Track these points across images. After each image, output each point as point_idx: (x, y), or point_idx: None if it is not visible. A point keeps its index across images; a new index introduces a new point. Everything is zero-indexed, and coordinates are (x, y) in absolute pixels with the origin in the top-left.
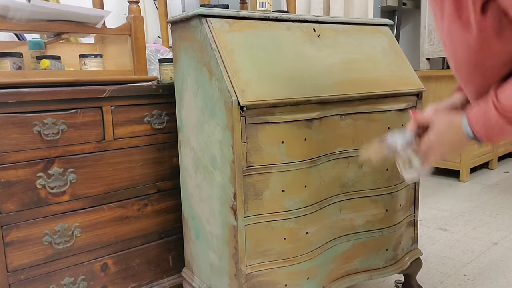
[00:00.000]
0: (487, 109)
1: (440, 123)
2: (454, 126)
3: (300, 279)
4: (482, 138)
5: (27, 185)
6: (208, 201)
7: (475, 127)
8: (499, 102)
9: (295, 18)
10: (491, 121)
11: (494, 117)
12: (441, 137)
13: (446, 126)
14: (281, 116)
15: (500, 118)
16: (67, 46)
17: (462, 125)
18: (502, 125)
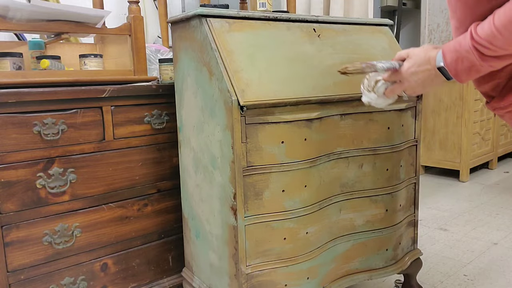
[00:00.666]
0: (463, 40)
1: (417, 54)
2: (428, 57)
3: (300, 279)
4: (451, 69)
5: (27, 185)
6: (208, 201)
7: (447, 58)
8: (475, 33)
9: (295, 18)
10: (463, 52)
11: (466, 47)
12: (414, 66)
13: (422, 57)
14: (281, 116)
15: (471, 47)
16: (67, 46)
17: (437, 56)
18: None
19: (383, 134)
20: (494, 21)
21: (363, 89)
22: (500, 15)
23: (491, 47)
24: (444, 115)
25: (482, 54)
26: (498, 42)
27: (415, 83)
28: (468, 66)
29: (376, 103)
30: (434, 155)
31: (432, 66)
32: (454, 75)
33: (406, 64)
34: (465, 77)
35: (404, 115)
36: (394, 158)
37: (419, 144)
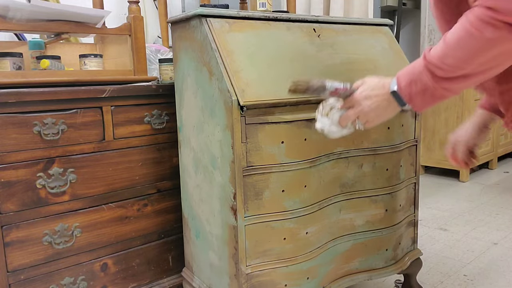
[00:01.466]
0: (417, 62)
1: (371, 79)
2: (383, 83)
3: (300, 279)
4: (404, 93)
5: (27, 185)
6: (208, 201)
7: (401, 81)
8: (428, 53)
9: (295, 18)
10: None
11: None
12: (368, 90)
13: (376, 82)
14: (281, 116)
15: (424, 68)
16: (67, 46)
17: (391, 81)
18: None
19: (383, 134)
20: (446, 39)
21: (317, 114)
22: (452, 33)
23: (444, 67)
24: (444, 115)
25: (435, 75)
26: (449, 60)
27: (368, 108)
28: (421, 89)
29: (329, 131)
30: (434, 155)
31: (386, 91)
32: (408, 100)
33: (360, 88)
34: (420, 102)
35: (404, 115)
36: (394, 158)
37: (419, 144)
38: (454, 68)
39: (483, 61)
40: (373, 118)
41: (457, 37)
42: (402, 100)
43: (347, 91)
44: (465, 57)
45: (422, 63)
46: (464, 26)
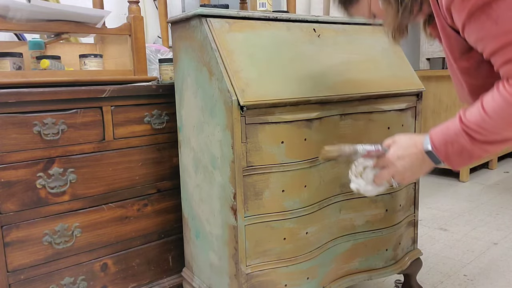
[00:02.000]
0: (451, 124)
1: (402, 138)
2: (415, 141)
3: (300, 279)
4: (440, 152)
5: (27, 185)
6: (208, 201)
7: (435, 141)
8: (464, 117)
9: (295, 18)
10: (452, 135)
11: (456, 130)
12: (400, 150)
13: (408, 141)
14: (281, 116)
15: (461, 131)
16: (67, 46)
17: (423, 140)
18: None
19: (383, 134)
20: (483, 105)
21: (351, 175)
22: (488, 100)
23: (482, 132)
24: (444, 115)
25: (473, 139)
26: (488, 126)
27: (403, 168)
28: (459, 149)
29: (365, 190)
30: None
31: (419, 150)
32: (445, 159)
33: (392, 148)
34: (457, 161)
35: (404, 115)
36: None
37: None
38: (494, 134)
39: None
40: (409, 176)
41: (496, 106)
42: (438, 159)
43: (379, 152)
44: (505, 125)
45: (458, 125)
46: (503, 96)
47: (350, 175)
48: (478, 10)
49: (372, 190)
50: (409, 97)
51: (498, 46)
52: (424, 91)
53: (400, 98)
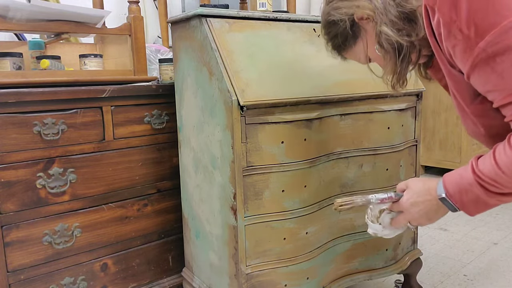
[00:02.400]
0: (464, 172)
1: (415, 184)
2: (428, 188)
3: (300, 279)
4: (455, 201)
5: (27, 185)
6: (208, 201)
7: (448, 189)
8: (477, 168)
9: (295, 18)
10: (466, 184)
11: (469, 180)
12: (414, 197)
13: (421, 187)
14: (281, 116)
15: (474, 182)
16: (67, 46)
17: (437, 187)
18: (476, 192)
19: (383, 134)
20: (496, 159)
21: (367, 220)
22: (501, 153)
23: (497, 185)
24: (444, 115)
25: (487, 190)
26: (502, 181)
27: (418, 215)
28: (474, 199)
29: (383, 234)
30: (434, 155)
31: (433, 197)
32: (461, 207)
33: (406, 195)
34: (473, 209)
35: (404, 115)
36: (394, 158)
37: (419, 144)
38: (508, 188)
39: None
40: (424, 221)
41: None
42: (453, 206)
43: (392, 199)
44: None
45: (471, 176)
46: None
47: (366, 220)
48: (481, 62)
49: (390, 233)
50: (409, 97)
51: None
52: (424, 91)
53: (400, 98)
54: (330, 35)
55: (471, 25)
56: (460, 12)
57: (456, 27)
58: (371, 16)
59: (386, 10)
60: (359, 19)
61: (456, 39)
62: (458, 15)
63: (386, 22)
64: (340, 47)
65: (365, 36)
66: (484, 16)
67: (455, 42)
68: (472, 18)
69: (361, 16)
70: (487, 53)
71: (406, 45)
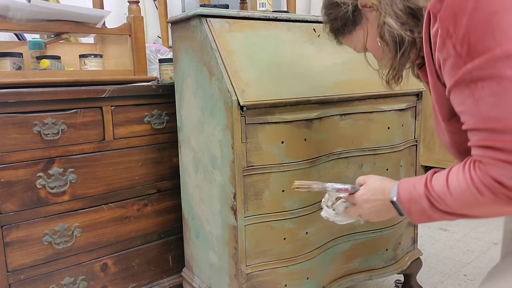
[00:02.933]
0: (418, 183)
1: (373, 182)
2: (383, 188)
3: (300, 279)
4: (404, 207)
5: (27, 185)
6: (208, 201)
7: (401, 194)
8: (430, 183)
9: (295, 18)
10: (416, 195)
11: (420, 192)
12: (368, 194)
13: (377, 186)
14: (281, 116)
15: (424, 195)
16: (67, 46)
17: (391, 189)
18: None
19: (383, 134)
20: (448, 180)
21: (323, 204)
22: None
23: (442, 203)
24: None
25: (433, 206)
26: (448, 201)
27: (368, 211)
28: (420, 210)
29: (335, 220)
30: (434, 155)
31: (385, 197)
32: (407, 213)
33: (361, 190)
34: (418, 219)
35: (404, 115)
36: (394, 158)
37: (419, 144)
38: (453, 209)
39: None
40: (374, 218)
41: (457, 187)
42: (401, 211)
43: (348, 191)
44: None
45: (423, 189)
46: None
47: (322, 203)
48: (463, 83)
49: (342, 220)
50: (409, 97)
51: (475, 127)
52: (424, 91)
53: (400, 98)
54: (330, 17)
55: (465, 43)
56: (459, 28)
57: (451, 41)
58: (375, 5)
59: (393, 1)
60: (363, 6)
61: (448, 54)
62: (455, 30)
63: (390, 13)
64: (338, 31)
65: (366, 25)
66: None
67: (446, 56)
68: (468, 37)
69: (365, 4)
70: (471, 75)
71: (408, 40)
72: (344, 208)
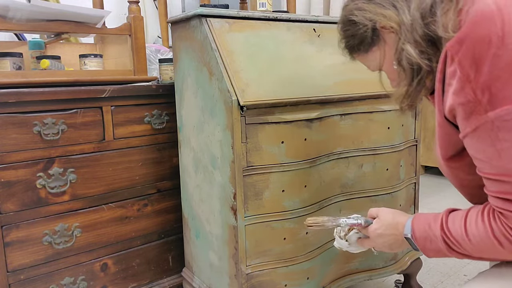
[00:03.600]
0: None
1: (385, 216)
2: (396, 223)
3: (300, 279)
4: (419, 244)
5: (27, 185)
6: (208, 201)
7: (415, 232)
8: (446, 226)
9: (295, 18)
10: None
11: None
12: (381, 229)
13: (390, 221)
14: (281, 116)
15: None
16: (67, 46)
17: (405, 225)
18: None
19: (383, 134)
20: (466, 226)
21: (335, 234)
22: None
23: (459, 247)
24: None
25: (450, 248)
26: (466, 247)
27: (381, 245)
28: (435, 248)
29: (348, 250)
30: (434, 155)
31: (399, 233)
32: (422, 250)
33: (374, 224)
34: (433, 255)
35: (404, 115)
36: (394, 158)
37: (419, 144)
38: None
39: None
40: (387, 250)
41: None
42: (416, 247)
43: (361, 226)
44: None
45: (439, 231)
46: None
47: (334, 234)
48: (484, 132)
49: (354, 250)
50: None
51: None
52: None
53: None
54: (346, 34)
55: (487, 91)
56: (480, 74)
57: (470, 86)
58: (395, 28)
59: (413, 27)
60: (382, 27)
61: (467, 99)
62: (476, 76)
63: (410, 40)
64: (353, 49)
65: (383, 46)
66: (503, 87)
67: (464, 100)
68: (489, 85)
69: (385, 25)
70: (493, 125)
71: (425, 69)
72: (357, 239)
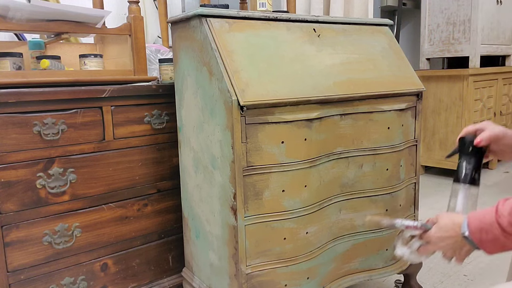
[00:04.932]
0: (489, 212)
1: (443, 220)
2: (454, 224)
3: (300, 279)
4: (475, 238)
5: (27, 185)
6: (208, 201)
7: (471, 226)
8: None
9: (295, 18)
10: (487, 224)
11: (491, 219)
12: (441, 232)
13: (448, 223)
14: (281, 116)
15: (495, 221)
16: (67, 46)
17: (462, 223)
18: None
19: (383, 134)
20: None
21: (397, 242)
22: None
23: None
24: (444, 115)
25: (505, 230)
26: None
27: (445, 249)
28: (492, 238)
29: (409, 258)
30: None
31: (457, 234)
32: (479, 244)
33: (433, 228)
34: (491, 249)
35: (404, 115)
36: (394, 158)
37: (419, 144)
38: None
39: None
40: (452, 255)
41: None
42: (475, 244)
43: (417, 228)
44: None
45: (493, 215)
46: None
47: (396, 241)
48: None
49: (415, 258)
50: (409, 97)
51: None
52: (424, 91)
53: (400, 98)
54: None
55: None
56: None
57: None
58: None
59: None
60: None
61: None
62: None
63: None
64: None
65: None
66: None
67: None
68: None
69: None
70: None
71: None
72: (418, 246)
